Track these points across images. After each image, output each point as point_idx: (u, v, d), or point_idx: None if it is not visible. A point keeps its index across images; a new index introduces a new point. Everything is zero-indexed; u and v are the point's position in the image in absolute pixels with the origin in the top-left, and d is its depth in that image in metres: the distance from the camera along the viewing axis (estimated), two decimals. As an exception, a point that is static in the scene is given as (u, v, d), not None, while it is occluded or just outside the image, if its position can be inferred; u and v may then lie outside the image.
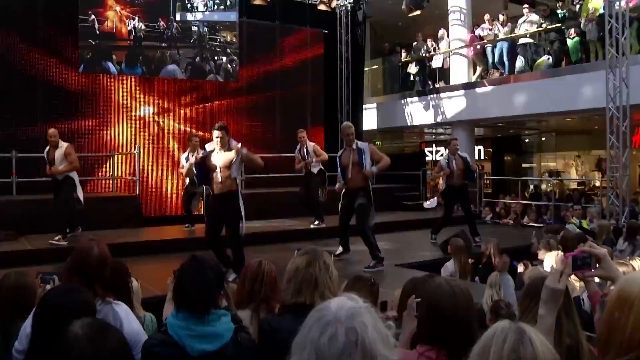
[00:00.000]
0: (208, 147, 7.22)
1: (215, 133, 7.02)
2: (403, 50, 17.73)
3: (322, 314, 1.40)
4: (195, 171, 7.69)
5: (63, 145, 8.76)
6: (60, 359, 1.92)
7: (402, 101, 17.01)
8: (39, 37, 11.66)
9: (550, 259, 5.91)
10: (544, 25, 13.48)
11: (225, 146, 7.04)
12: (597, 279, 2.46)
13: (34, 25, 11.62)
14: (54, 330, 2.20)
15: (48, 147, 8.76)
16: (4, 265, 6.26)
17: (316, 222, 10.94)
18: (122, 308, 2.92)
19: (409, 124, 17.05)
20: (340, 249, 8.48)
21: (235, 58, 13.68)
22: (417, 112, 16.48)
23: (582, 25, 12.57)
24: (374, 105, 17.95)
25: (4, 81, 11.22)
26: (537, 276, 2.84)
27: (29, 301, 3.05)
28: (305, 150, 10.92)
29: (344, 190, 8.25)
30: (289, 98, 14.64)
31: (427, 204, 11.47)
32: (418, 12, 17.77)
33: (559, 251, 6.31)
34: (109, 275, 3.07)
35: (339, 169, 8.29)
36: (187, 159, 9.92)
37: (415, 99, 16.59)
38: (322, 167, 10.94)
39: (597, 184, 17.34)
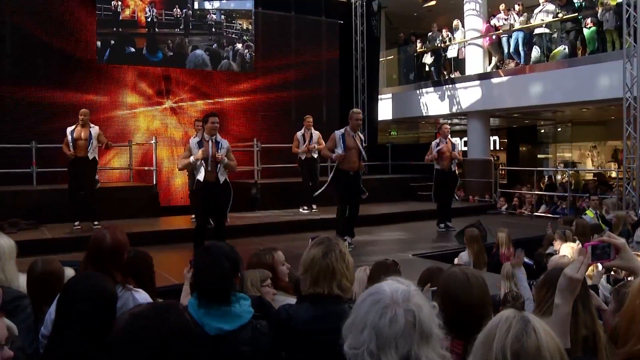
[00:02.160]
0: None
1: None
2: (418, 41, 17.65)
3: (379, 298, 1.47)
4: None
5: (94, 126, 8.97)
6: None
7: (417, 91, 16.95)
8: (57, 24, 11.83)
9: (567, 249, 5.90)
10: (560, 15, 13.36)
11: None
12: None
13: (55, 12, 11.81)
14: (76, 316, 2.27)
15: (74, 126, 8.90)
16: (25, 253, 6.34)
17: (312, 208, 11.41)
18: (142, 296, 2.98)
19: (424, 114, 16.99)
20: (349, 239, 8.32)
21: (252, 45, 13.73)
22: (432, 103, 16.42)
23: (599, 15, 12.44)
24: (389, 95, 17.91)
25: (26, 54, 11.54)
26: (553, 267, 2.83)
27: (56, 288, 3.12)
28: (309, 135, 11.35)
29: (342, 172, 8.36)
30: (304, 88, 14.67)
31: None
32: (433, 2, 17.74)
33: (577, 242, 6.29)
34: (130, 263, 3.13)
35: (342, 146, 8.26)
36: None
37: (431, 89, 16.53)
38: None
39: (614, 174, 17.23)
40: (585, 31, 12.77)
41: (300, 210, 11.49)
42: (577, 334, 2.17)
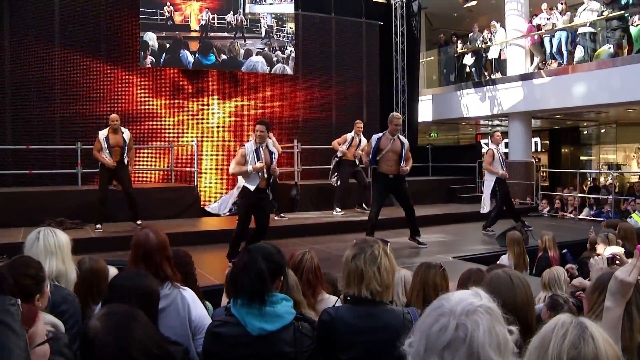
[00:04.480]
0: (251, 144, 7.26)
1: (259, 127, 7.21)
2: (459, 41, 17.50)
3: (441, 304, 1.40)
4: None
5: (125, 129, 9.12)
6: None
7: (458, 92, 16.81)
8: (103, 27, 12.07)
9: (613, 251, 5.76)
10: (605, 13, 13.08)
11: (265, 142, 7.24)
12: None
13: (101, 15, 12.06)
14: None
15: (106, 132, 9.05)
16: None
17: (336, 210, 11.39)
18: (189, 293, 3.03)
19: (464, 116, 16.84)
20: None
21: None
22: (472, 104, 16.26)
23: (649, 12, 12.13)
24: (429, 96, 17.79)
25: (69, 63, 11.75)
26: (606, 271, 2.76)
27: (102, 285, 3.21)
28: (359, 140, 11.34)
29: (380, 174, 8.50)
30: (344, 90, 14.68)
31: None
32: (474, 2, 17.55)
33: (621, 247, 6.14)
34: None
35: (374, 148, 8.43)
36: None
37: (471, 90, 16.37)
38: None
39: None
40: (632, 29, 12.46)
41: (334, 212, 11.35)
42: (631, 340, 2.12)
